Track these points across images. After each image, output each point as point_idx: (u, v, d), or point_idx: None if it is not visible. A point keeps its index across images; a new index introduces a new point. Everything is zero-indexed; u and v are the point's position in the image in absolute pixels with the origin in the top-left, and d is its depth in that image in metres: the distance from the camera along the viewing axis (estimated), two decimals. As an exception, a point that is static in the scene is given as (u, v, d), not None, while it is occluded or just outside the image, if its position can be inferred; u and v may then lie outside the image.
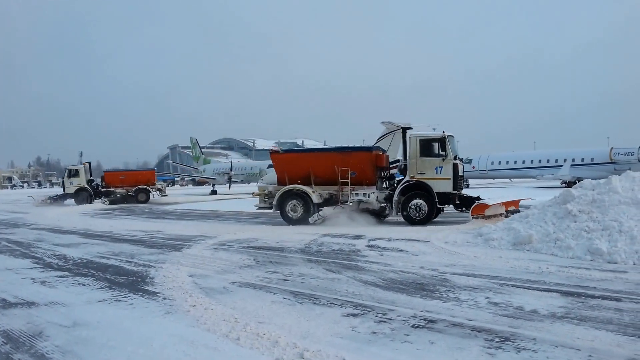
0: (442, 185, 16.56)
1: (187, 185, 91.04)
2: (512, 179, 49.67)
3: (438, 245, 11.77)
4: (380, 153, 18.55)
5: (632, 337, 5.20)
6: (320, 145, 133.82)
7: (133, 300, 7.44)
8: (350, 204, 17.54)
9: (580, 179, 25.24)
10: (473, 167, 47.83)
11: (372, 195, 17.36)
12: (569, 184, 33.94)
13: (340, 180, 17.31)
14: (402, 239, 13.07)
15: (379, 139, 32.32)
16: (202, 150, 67.73)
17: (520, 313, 6.18)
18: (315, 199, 17.59)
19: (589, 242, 9.92)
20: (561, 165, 41.45)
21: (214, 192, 51.29)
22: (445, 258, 10.22)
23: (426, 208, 16.53)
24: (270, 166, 50.65)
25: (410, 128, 22.28)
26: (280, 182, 18.48)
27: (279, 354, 5.01)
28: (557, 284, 7.68)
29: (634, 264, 8.90)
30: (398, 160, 20.43)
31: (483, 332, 5.46)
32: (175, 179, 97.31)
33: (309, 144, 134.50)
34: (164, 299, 7.46)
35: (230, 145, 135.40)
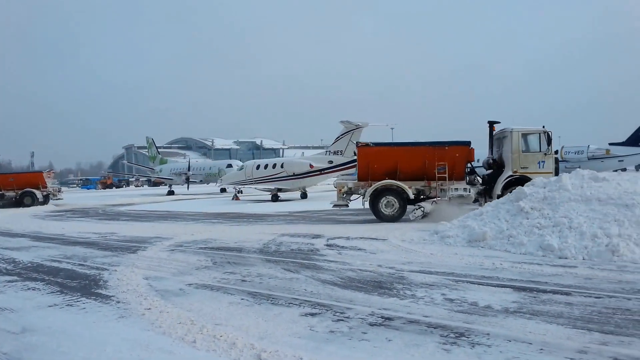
0: None
1: (142, 186, 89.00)
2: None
3: (396, 244, 11.90)
4: (472, 148, 18.02)
5: (582, 330, 5.37)
6: (280, 145, 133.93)
7: (85, 305, 7.22)
8: (448, 199, 17.02)
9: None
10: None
11: (473, 190, 17.28)
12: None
13: (437, 175, 17.10)
14: (361, 238, 13.16)
15: (338, 138, 32.59)
16: (159, 150, 66.45)
17: (474, 309, 6.31)
18: (411, 194, 17.17)
19: (540, 238, 10.23)
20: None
21: (171, 193, 50.40)
22: (402, 256, 10.35)
23: None
24: (229, 166, 50.43)
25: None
26: (362, 177, 17.79)
27: (236, 355, 4.95)
28: (510, 280, 7.88)
29: (583, 259, 9.21)
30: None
31: (439, 329, 5.54)
32: (130, 179, 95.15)
33: (268, 144, 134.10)
34: (118, 302, 7.26)
35: (188, 144, 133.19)
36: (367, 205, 17.53)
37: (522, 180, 16.09)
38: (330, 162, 32.39)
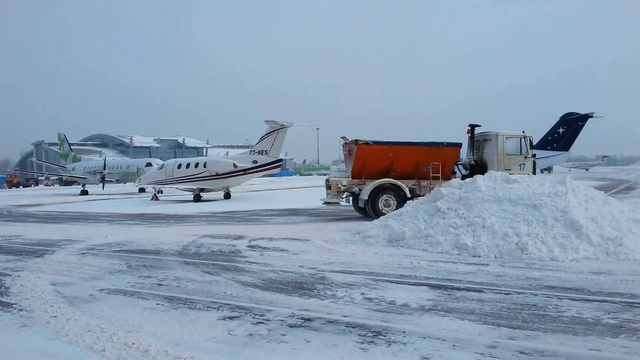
0: None
1: (52, 185, 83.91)
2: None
3: (318, 244, 11.94)
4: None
5: (492, 325, 5.60)
6: (204, 144, 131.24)
7: (-18, 314, 6.65)
8: None
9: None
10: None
11: None
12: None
13: (431, 174, 17.58)
14: (284, 239, 13.09)
15: (263, 137, 32.36)
16: (72, 146, 62.98)
17: (392, 307, 6.42)
18: (408, 193, 17.22)
19: (456, 237, 10.62)
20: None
21: (84, 193, 47.85)
22: (324, 256, 10.39)
23: None
24: (148, 164, 48.66)
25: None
26: (356, 175, 17.78)
27: (149, 363, 4.73)
28: (427, 278, 8.11)
29: (495, 257, 9.66)
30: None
31: (357, 328, 5.58)
32: (40, 177, 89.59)
33: (191, 142, 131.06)
34: (21, 310, 6.76)
35: (104, 141, 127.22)
36: (351, 201, 17.90)
37: None
38: (255, 161, 32.10)
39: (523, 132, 18.41)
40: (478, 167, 18.41)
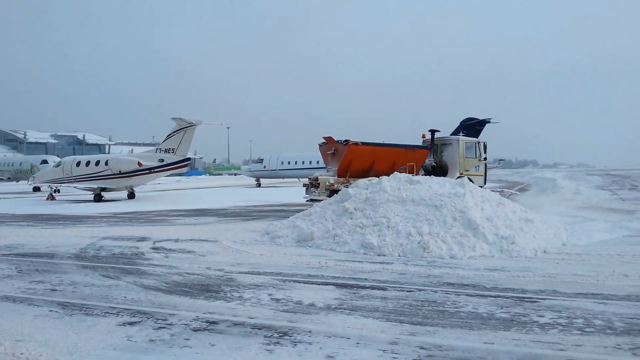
0: (478, 180, 19.55)
1: None
2: (301, 179, 52.52)
3: (226, 245, 11.75)
4: None
5: (394, 322, 5.78)
6: (106, 141, 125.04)
7: None
8: None
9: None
10: (264, 167, 49.34)
11: None
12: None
13: (416, 174, 18.03)
14: (191, 240, 12.76)
15: (170, 135, 31.38)
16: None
17: (299, 307, 6.44)
18: None
19: (362, 237, 10.87)
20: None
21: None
22: (232, 257, 10.24)
23: None
24: (44, 162, 45.61)
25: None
26: (342, 174, 18.17)
27: (38, 375, 4.40)
28: (334, 277, 8.23)
29: (399, 256, 10.00)
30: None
31: (263, 329, 5.54)
32: None
33: (92, 139, 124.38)
34: None
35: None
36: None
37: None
38: (161, 160, 31.05)
39: (478, 137, 21.04)
40: (438, 169, 20.04)
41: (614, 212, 17.55)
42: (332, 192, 18.83)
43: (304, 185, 19.39)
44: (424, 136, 20.60)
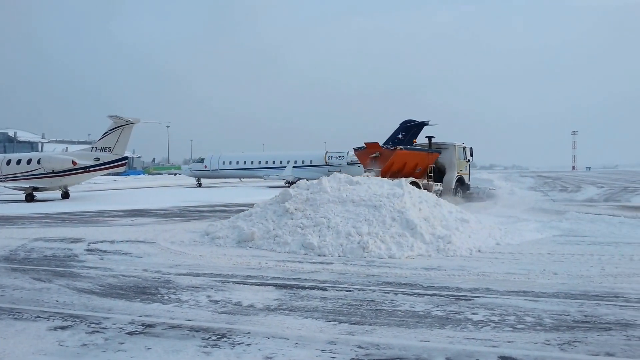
0: (467, 178, 24.61)
1: None
2: (242, 179, 52.07)
3: (164, 246, 11.51)
4: None
5: (333, 322, 5.85)
6: (39, 138, 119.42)
7: None
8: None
9: (301, 179, 27.93)
10: (205, 167, 48.62)
11: (441, 186, 22.31)
12: (292, 184, 37.17)
13: (428, 174, 21.93)
14: (127, 241, 12.41)
15: (106, 133, 30.41)
16: None
17: (238, 309, 6.41)
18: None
19: (303, 237, 10.92)
20: (285, 167, 45.17)
21: None
22: (170, 259, 10.04)
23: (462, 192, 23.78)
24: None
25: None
26: (383, 175, 19.33)
27: (-42, 385, 4.18)
28: (274, 278, 8.23)
29: (339, 256, 10.10)
30: None
31: (201, 332, 5.48)
32: None
33: (24, 136, 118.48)
34: None
35: None
36: None
37: (461, 178, 23.89)
38: (97, 159, 30.05)
39: (463, 143, 24.50)
40: (437, 170, 22.90)
41: (544, 213, 18.35)
42: None
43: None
44: (414, 142, 24.35)
